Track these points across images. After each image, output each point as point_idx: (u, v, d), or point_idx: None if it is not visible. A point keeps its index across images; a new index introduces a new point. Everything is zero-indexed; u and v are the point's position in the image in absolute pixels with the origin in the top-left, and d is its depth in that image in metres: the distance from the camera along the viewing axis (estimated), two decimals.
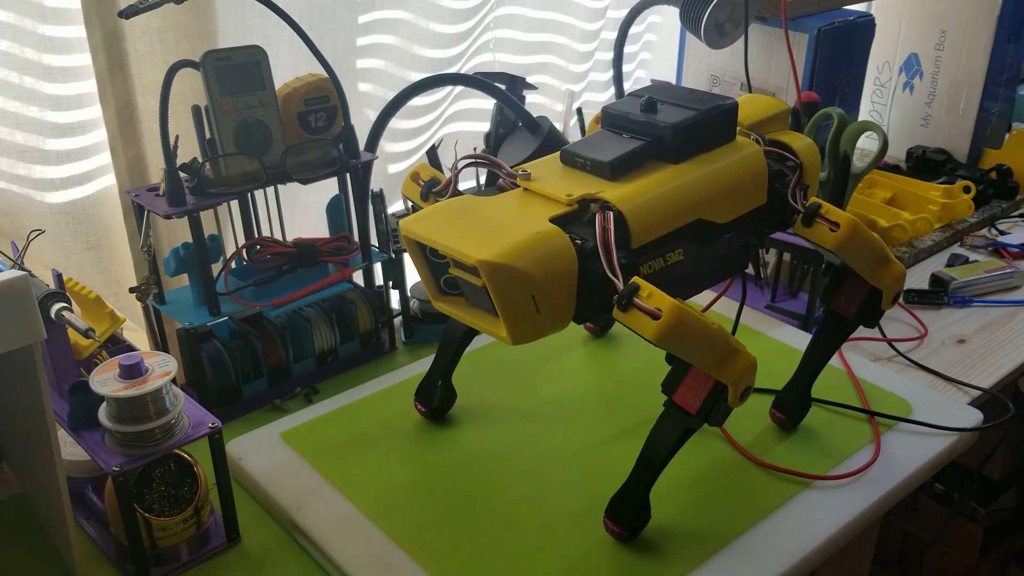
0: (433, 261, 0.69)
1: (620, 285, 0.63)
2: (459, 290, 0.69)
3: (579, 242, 0.65)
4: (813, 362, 0.86)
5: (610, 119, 0.76)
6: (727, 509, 0.77)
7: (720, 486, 0.80)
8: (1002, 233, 1.31)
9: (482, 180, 1.06)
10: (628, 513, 0.73)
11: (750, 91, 1.16)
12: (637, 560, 0.73)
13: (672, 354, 0.70)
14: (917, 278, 1.20)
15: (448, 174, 0.76)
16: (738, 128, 0.78)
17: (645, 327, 0.62)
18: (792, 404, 0.86)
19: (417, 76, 1.20)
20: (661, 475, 0.81)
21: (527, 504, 0.79)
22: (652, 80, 1.54)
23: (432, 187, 0.76)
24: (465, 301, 0.69)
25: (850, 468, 0.82)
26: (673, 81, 1.36)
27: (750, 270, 1.12)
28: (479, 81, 1.08)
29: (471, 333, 0.87)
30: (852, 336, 1.04)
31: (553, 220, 0.65)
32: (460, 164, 0.73)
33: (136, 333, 1.02)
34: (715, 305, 1.09)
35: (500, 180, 0.73)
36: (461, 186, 0.78)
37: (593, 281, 0.64)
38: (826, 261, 0.85)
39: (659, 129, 0.72)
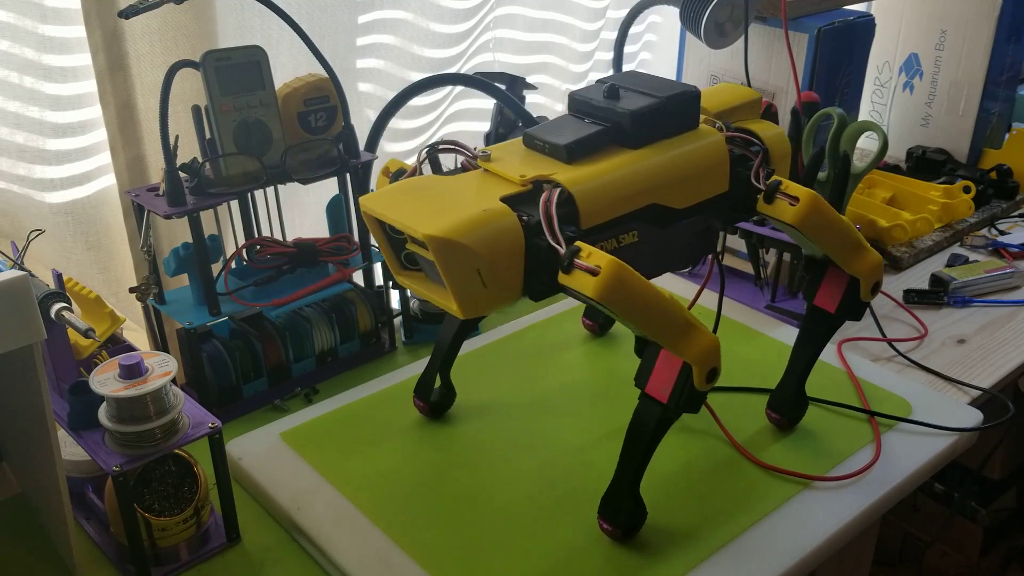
0: (393, 237, 0.71)
1: (562, 250, 0.64)
2: (418, 265, 0.71)
3: (525, 218, 0.66)
4: (801, 360, 0.86)
5: (575, 104, 0.77)
6: (727, 509, 0.77)
7: (720, 486, 0.80)
8: (1002, 233, 1.31)
9: None
10: (619, 511, 0.73)
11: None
12: (637, 559, 0.73)
13: (640, 341, 0.71)
14: (917, 278, 1.20)
15: (430, 169, 0.76)
16: (704, 116, 0.79)
17: (586, 285, 0.63)
18: (785, 404, 0.86)
19: (417, 76, 1.20)
20: (660, 475, 0.81)
21: (527, 503, 0.79)
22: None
23: (399, 176, 0.77)
24: (424, 276, 0.71)
25: (850, 468, 0.82)
26: None
27: (748, 269, 1.12)
28: (479, 81, 1.08)
29: (466, 327, 0.88)
30: (852, 336, 1.04)
31: (505, 199, 0.67)
32: (423, 153, 0.75)
33: (136, 333, 1.02)
34: (716, 307, 1.10)
35: (463, 160, 0.74)
36: None
37: (540, 254, 0.66)
38: (804, 256, 0.85)
39: (618, 115, 0.73)
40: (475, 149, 0.74)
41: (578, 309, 1.07)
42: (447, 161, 0.77)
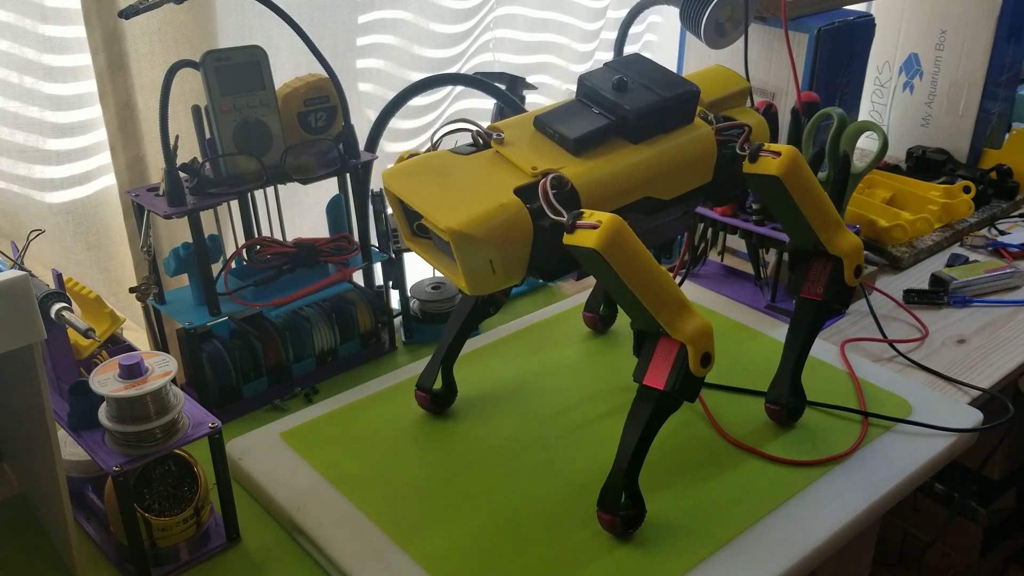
0: (407, 206, 0.74)
1: (565, 216, 0.68)
2: (428, 234, 0.74)
3: (529, 206, 0.70)
4: (793, 351, 0.86)
5: (583, 90, 0.79)
6: (726, 508, 0.77)
7: (720, 486, 0.80)
8: (1002, 233, 1.31)
9: None
10: (616, 502, 0.73)
11: (750, 91, 1.16)
12: (636, 558, 0.73)
13: (638, 337, 0.73)
14: (917, 278, 1.20)
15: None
16: (698, 108, 0.81)
17: (588, 238, 0.66)
18: (782, 394, 0.87)
19: (417, 76, 1.20)
20: (659, 474, 0.81)
21: (527, 503, 0.79)
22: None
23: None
24: (432, 245, 0.75)
25: (847, 467, 0.82)
26: None
27: (748, 269, 1.12)
28: (479, 81, 1.08)
29: (471, 322, 0.89)
30: (853, 336, 1.04)
31: (517, 191, 0.70)
32: (438, 134, 0.77)
33: (136, 333, 1.02)
34: (717, 307, 1.10)
35: (474, 134, 0.77)
36: None
37: (547, 235, 0.69)
38: (790, 250, 0.86)
39: (625, 111, 0.76)
40: (487, 129, 0.76)
41: (577, 309, 1.08)
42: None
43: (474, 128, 0.76)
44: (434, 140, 0.76)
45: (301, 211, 1.16)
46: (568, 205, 0.69)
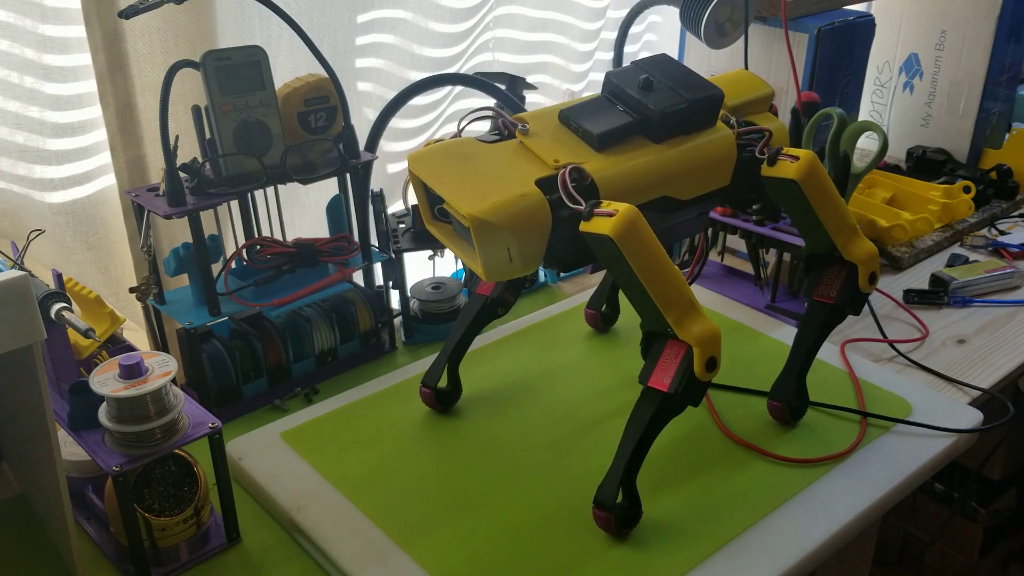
0: (430, 190, 0.75)
1: (583, 205, 0.70)
2: (449, 219, 0.75)
3: (550, 197, 0.71)
4: (801, 352, 0.87)
5: (610, 87, 0.81)
6: (726, 508, 0.77)
7: (719, 485, 0.80)
8: (1002, 233, 1.31)
9: None
10: (613, 499, 0.73)
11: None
12: (637, 558, 0.73)
13: (646, 339, 0.74)
14: (917, 278, 1.20)
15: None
16: (721, 111, 0.82)
17: (604, 225, 0.68)
18: (786, 392, 0.87)
19: (417, 76, 1.20)
20: (659, 473, 0.81)
21: (528, 503, 0.79)
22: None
23: None
24: (452, 230, 0.76)
25: (846, 467, 0.82)
26: None
27: (748, 269, 1.12)
28: (479, 81, 1.08)
29: (479, 322, 0.90)
30: (854, 337, 1.04)
31: (538, 182, 0.72)
32: (465, 121, 0.78)
33: (136, 333, 1.02)
34: (717, 307, 1.10)
35: (499, 122, 0.78)
36: None
37: (565, 226, 0.71)
38: (805, 255, 0.86)
39: (649, 111, 0.78)
40: (513, 119, 0.77)
41: (578, 308, 1.08)
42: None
43: (500, 118, 0.77)
44: (460, 127, 0.78)
45: (301, 211, 1.16)
46: (587, 197, 0.71)
